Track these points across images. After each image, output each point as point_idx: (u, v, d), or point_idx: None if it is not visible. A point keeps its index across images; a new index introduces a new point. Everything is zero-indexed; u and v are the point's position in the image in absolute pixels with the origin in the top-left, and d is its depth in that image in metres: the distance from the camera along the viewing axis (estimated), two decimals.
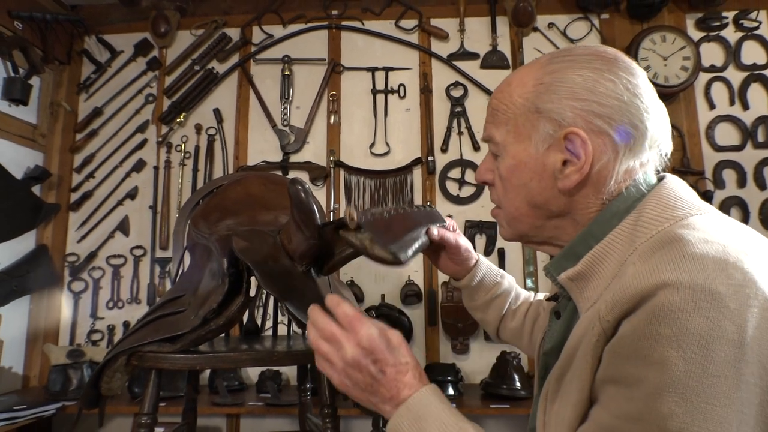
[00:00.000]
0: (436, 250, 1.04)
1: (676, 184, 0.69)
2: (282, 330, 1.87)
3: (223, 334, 1.24)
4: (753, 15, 2.43)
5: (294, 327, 1.51)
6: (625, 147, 0.66)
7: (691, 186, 0.72)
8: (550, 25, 2.52)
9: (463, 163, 2.41)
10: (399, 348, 0.72)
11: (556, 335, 0.75)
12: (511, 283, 1.08)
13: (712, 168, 2.36)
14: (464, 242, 1.02)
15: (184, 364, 1.03)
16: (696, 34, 2.44)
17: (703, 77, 2.41)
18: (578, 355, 0.63)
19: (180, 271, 1.39)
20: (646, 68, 2.30)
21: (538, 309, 1.05)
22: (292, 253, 1.13)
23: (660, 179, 0.71)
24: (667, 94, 2.32)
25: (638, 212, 0.66)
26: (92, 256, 2.44)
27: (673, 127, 2.34)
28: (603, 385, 0.59)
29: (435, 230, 0.96)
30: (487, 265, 1.06)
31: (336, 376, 0.73)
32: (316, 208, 1.07)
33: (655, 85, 2.23)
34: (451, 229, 1.02)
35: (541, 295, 1.09)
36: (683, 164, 2.34)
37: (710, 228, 0.59)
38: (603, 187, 0.68)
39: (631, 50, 2.34)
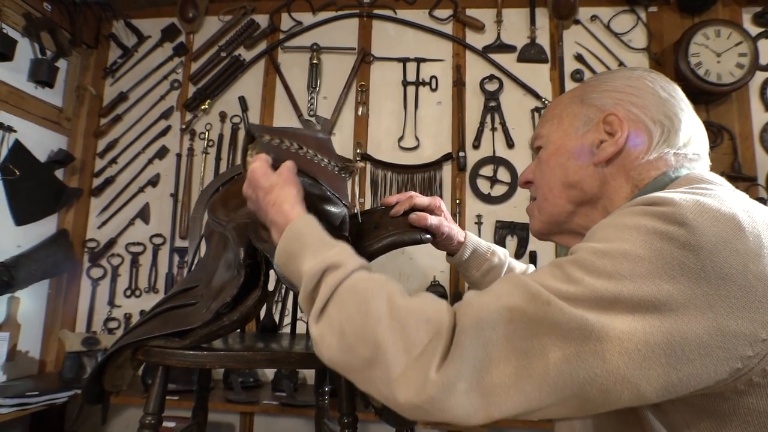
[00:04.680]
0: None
1: (708, 172, 0.71)
2: (301, 328, 1.78)
3: (237, 330, 1.16)
4: None
5: None
6: (660, 136, 0.71)
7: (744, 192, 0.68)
8: (593, 17, 2.38)
9: (496, 161, 2.29)
10: (271, 174, 0.82)
11: None
12: (502, 258, 1.09)
13: (766, 174, 2.19)
14: (446, 227, 1.02)
15: (193, 361, 0.95)
16: (753, 29, 2.26)
17: (760, 76, 2.23)
18: None
19: (196, 261, 1.31)
20: (697, 64, 2.14)
21: None
22: None
23: None
24: (719, 93, 2.15)
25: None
26: (112, 242, 2.40)
27: (724, 129, 2.18)
28: None
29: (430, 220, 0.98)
30: (475, 242, 1.08)
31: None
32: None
33: (706, 83, 2.13)
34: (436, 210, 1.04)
35: None
36: (734, 169, 2.17)
37: (734, 198, 0.56)
38: (634, 170, 0.71)
39: (681, 45, 2.17)
